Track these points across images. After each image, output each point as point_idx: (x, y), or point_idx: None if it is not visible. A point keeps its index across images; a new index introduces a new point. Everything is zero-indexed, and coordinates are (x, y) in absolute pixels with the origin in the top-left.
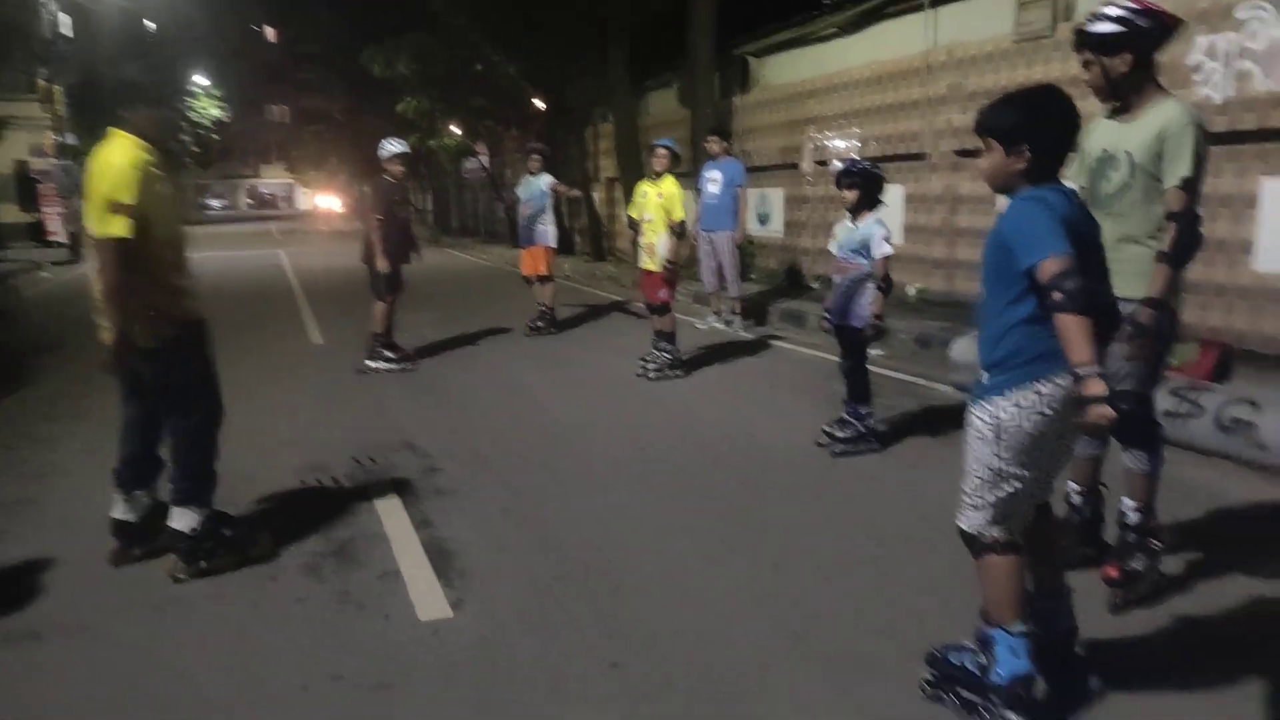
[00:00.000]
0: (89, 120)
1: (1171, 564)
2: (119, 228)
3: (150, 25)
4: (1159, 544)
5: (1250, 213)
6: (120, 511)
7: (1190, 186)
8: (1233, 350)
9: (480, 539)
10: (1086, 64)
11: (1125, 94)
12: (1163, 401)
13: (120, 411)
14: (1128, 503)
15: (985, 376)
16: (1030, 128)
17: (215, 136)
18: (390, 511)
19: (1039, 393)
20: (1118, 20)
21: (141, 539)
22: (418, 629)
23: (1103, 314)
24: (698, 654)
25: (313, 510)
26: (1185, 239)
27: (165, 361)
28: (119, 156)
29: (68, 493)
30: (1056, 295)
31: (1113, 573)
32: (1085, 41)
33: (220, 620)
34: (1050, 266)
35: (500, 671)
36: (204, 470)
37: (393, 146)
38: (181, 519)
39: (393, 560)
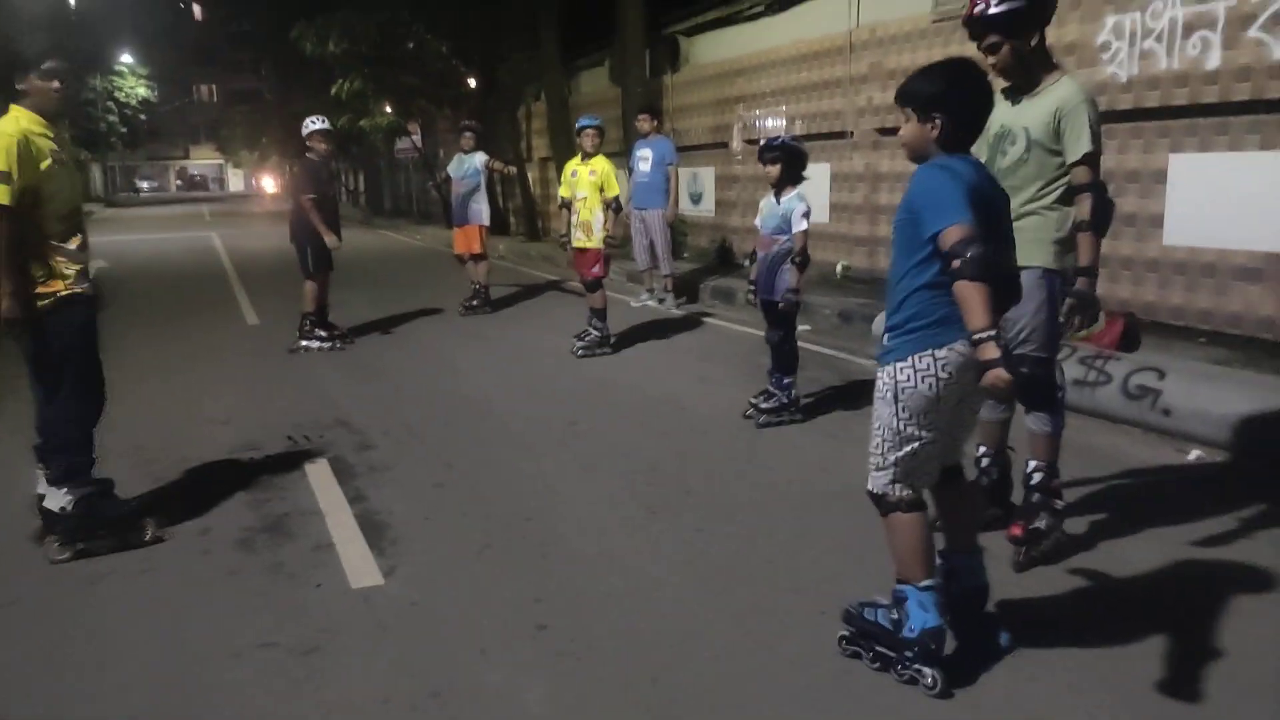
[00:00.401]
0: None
1: (1076, 525)
2: (1, 194)
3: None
4: (1061, 503)
5: (1159, 188)
6: (44, 487)
7: (1092, 159)
8: (1139, 321)
9: (412, 510)
10: (993, 47)
11: (1033, 71)
12: (1072, 370)
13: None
14: (1031, 463)
15: (886, 339)
16: (945, 97)
17: (142, 116)
18: (324, 487)
19: (935, 357)
20: None
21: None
22: (349, 596)
23: (1003, 283)
24: (622, 616)
25: (246, 487)
26: (1100, 207)
27: (39, 335)
28: (4, 125)
29: None
30: (956, 262)
31: (1017, 531)
32: (992, 24)
33: (152, 592)
34: (952, 234)
35: (429, 634)
36: (75, 449)
37: (315, 124)
38: (55, 498)
39: (326, 533)
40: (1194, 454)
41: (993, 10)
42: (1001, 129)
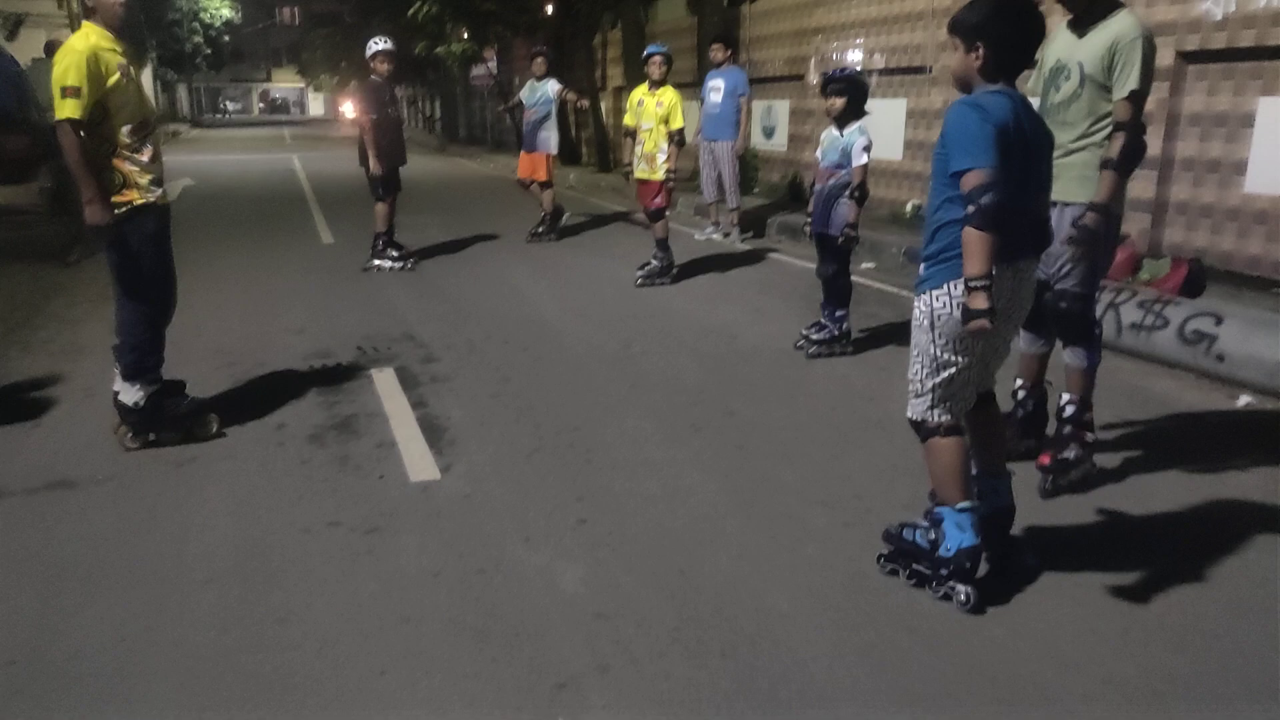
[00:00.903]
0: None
1: (1113, 460)
2: (69, 109)
3: None
4: (1093, 436)
5: (1246, 133)
6: (118, 384)
7: (1137, 98)
8: (1204, 267)
9: (470, 417)
10: None
11: (1095, 2)
12: (1130, 314)
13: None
14: (1065, 396)
15: (922, 268)
16: (988, 26)
17: (226, 38)
18: (389, 393)
19: (961, 285)
20: None
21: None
22: (408, 487)
23: (1033, 226)
24: (657, 515)
25: (318, 389)
26: (1131, 148)
27: (118, 241)
28: (74, 42)
29: (93, 367)
30: (970, 208)
31: (1045, 460)
32: None
33: (232, 476)
34: (972, 179)
35: (478, 523)
36: (146, 348)
37: (378, 44)
38: (128, 393)
39: (390, 433)
40: (1243, 400)
41: None
42: (1057, 64)
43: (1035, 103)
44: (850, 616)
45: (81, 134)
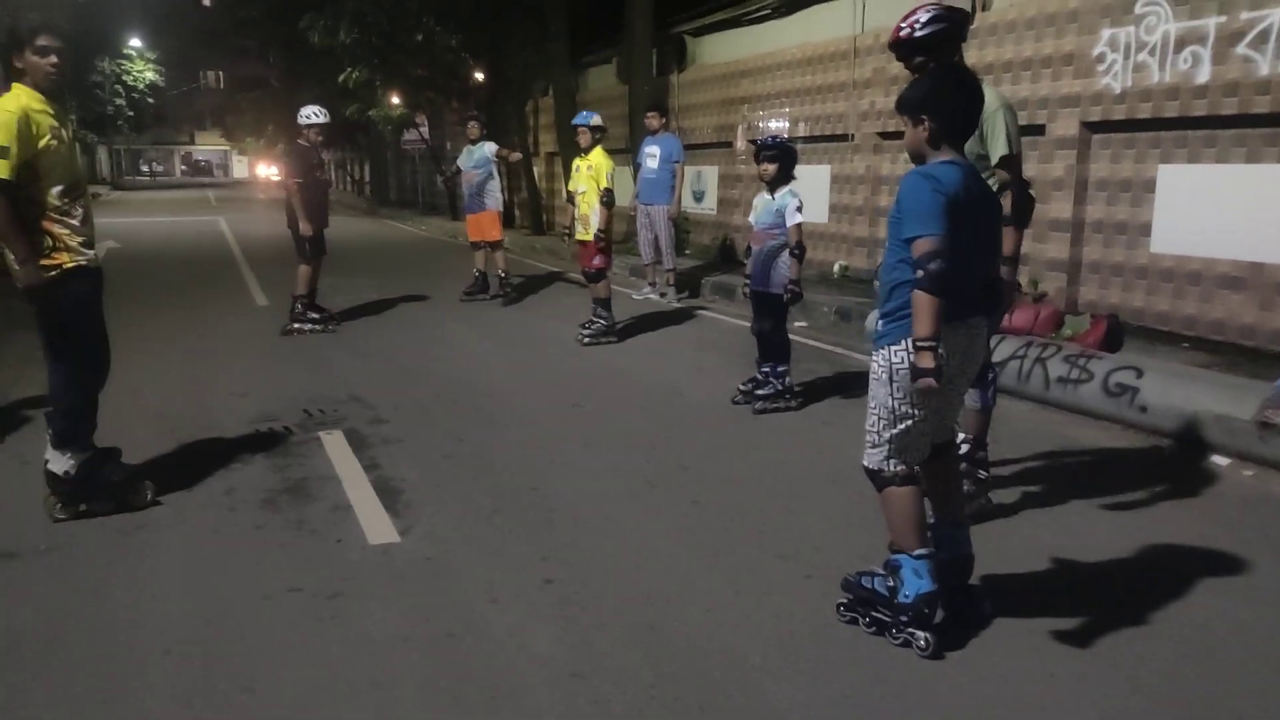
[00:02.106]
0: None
1: (1052, 508)
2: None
3: None
4: (985, 474)
5: (1149, 197)
6: (49, 453)
7: (1010, 161)
8: (1121, 323)
9: (424, 478)
10: (920, 67)
11: None
12: (1057, 368)
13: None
14: (960, 435)
15: (880, 325)
16: (929, 99)
17: (150, 101)
18: (340, 455)
19: None
20: (937, 19)
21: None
22: (368, 550)
23: (986, 287)
24: (623, 572)
25: (267, 453)
26: (1020, 203)
27: (49, 304)
28: (5, 102)
29: (31, 433)
30: (919, 272)
31: None
32: (919, 46)
33: (184, 543)
34: (922, 246)
35: (443, 585)
36: (78, 415)
37: (315, 117)
38: (58, 462)
39: (344, 496)
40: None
41: (919, 33)
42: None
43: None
44: (821, 667)
45: (9, 195)
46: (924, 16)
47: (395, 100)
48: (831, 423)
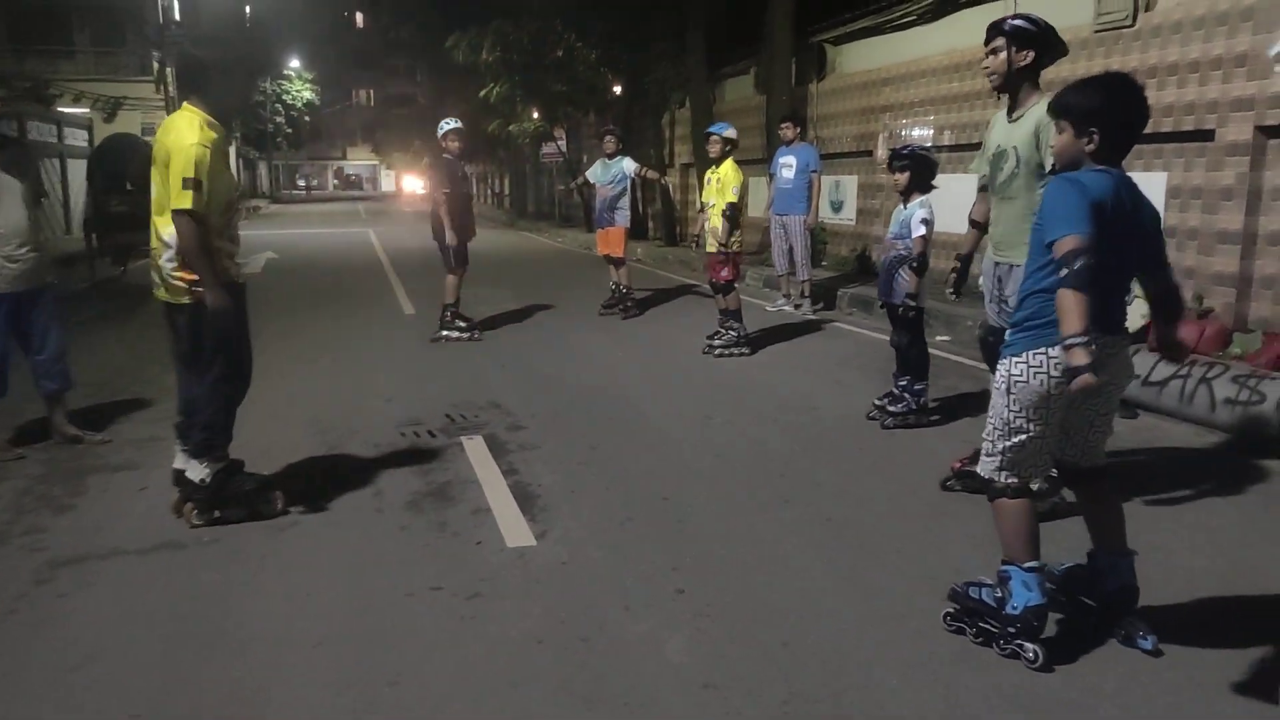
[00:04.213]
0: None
1: (1221, 537)
2: (189, 200)
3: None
4: (1054, 470)
5: None
6: (182, 462)
7: None
8: None
9: (560, 484)
10: (994, 50)
11: (1016, 87)
12: (1223, 389)
13: (176, 368)
14: None
15: (1008, 334)
16: (1103, 112)
17: (307, 119)
18: (480, 460)
19: (1049, 355)
20: (1033, 23)
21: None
22: (506, 553)
23: (1165, 296)
24: (755, 586)
25: (411, 456)
26: None
27: (195, 318)
28: (190, 134)
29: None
30: (1063, 270)
31: (956, 465)
32: (1002, 29)
33: (334, 541)
34: (1065, 244)
35: (577, 589)
36: (220, 426)
37: (448, 124)
38: (195, 470)
39: (484, 499)
40: None
41: (1011, 22)
42: (998, 149)
43: (978, 181)
44: (960, 694)
45: (198, 224)
46: (1029, 15)
47: (534, 115)
48: (972, 441)
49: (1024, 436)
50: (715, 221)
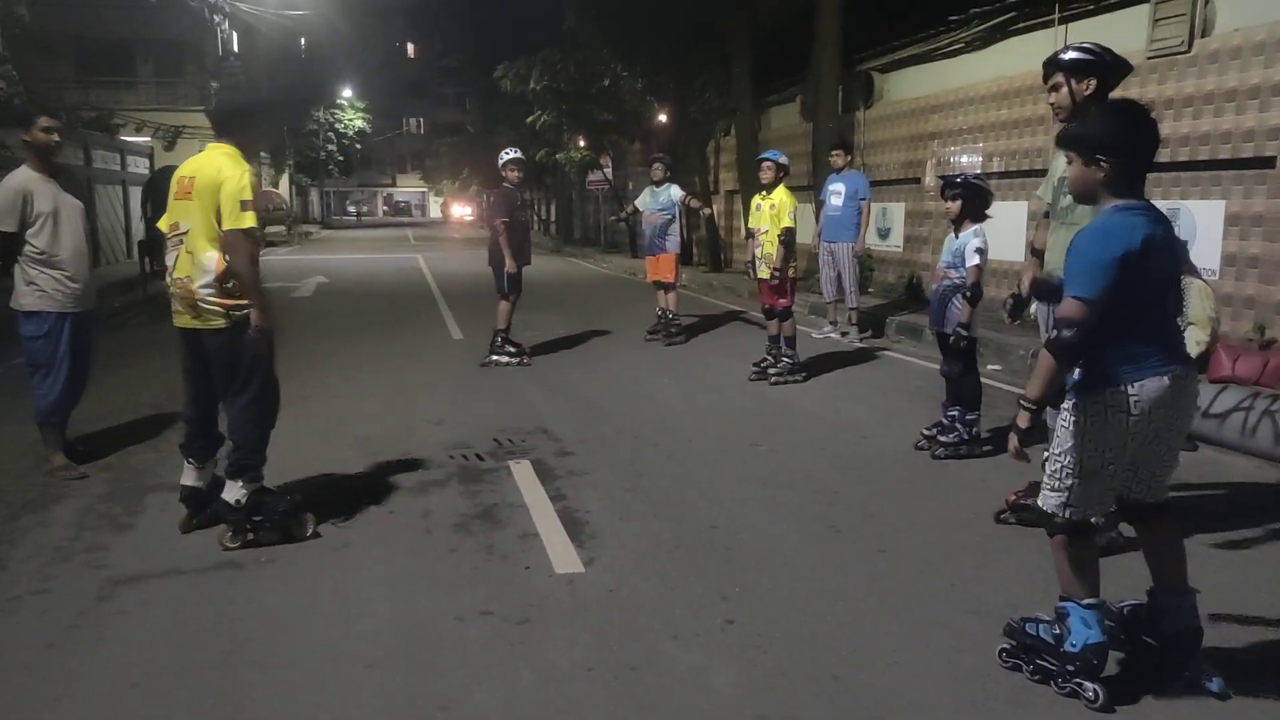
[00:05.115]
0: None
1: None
2: (250, 220)
3: (303, 43)
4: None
5: None
6: (190, 479)
7: None
8: None
9: (608, 510)
10: (1055, 87)
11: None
12: None
13: (184, 386)
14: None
15: (1076, 372)
16: (1108, 141)
17: (358, 146)
18: (528, 485)
19: (1128, 393)
20: (1088, 52)
21: (206, 506)
22: (554, 579)
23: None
24: (804, 618)
25: (460, 479)
26: None
27: (233, 340)
28: (233, 166)
29: None
30: (1053, 333)
31: (1011, 498)
32: (1059, 65)
33: (386, 561)
34: (1069, 308)
35: (626, 617)
36: (252, 449)
37: (509, 154)
38: (230, 490)
39: (531, 524)
40: None
41: (1065, 55)
42: (1063, 176)
43: (1039, 206)
44: None
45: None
46: (1084, 45)
47: (581, 143)
48: (1025, 473)
49: (1095, 475)
50: (769, 248)
